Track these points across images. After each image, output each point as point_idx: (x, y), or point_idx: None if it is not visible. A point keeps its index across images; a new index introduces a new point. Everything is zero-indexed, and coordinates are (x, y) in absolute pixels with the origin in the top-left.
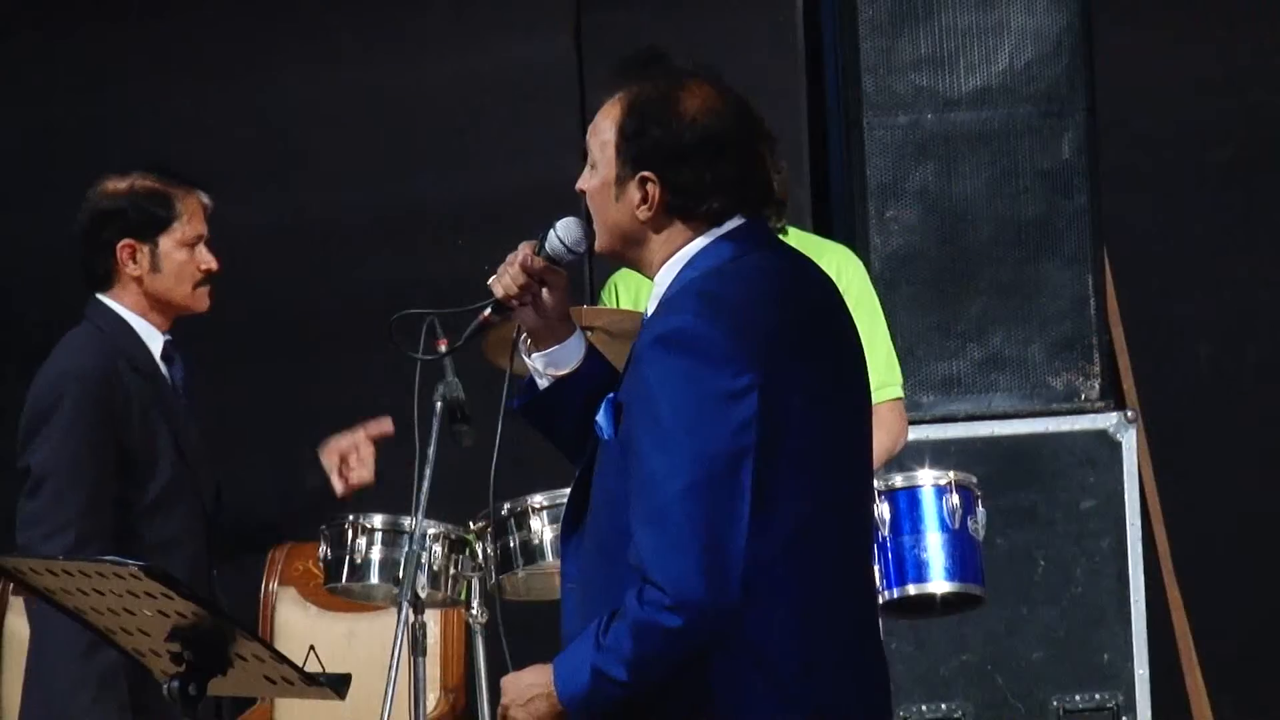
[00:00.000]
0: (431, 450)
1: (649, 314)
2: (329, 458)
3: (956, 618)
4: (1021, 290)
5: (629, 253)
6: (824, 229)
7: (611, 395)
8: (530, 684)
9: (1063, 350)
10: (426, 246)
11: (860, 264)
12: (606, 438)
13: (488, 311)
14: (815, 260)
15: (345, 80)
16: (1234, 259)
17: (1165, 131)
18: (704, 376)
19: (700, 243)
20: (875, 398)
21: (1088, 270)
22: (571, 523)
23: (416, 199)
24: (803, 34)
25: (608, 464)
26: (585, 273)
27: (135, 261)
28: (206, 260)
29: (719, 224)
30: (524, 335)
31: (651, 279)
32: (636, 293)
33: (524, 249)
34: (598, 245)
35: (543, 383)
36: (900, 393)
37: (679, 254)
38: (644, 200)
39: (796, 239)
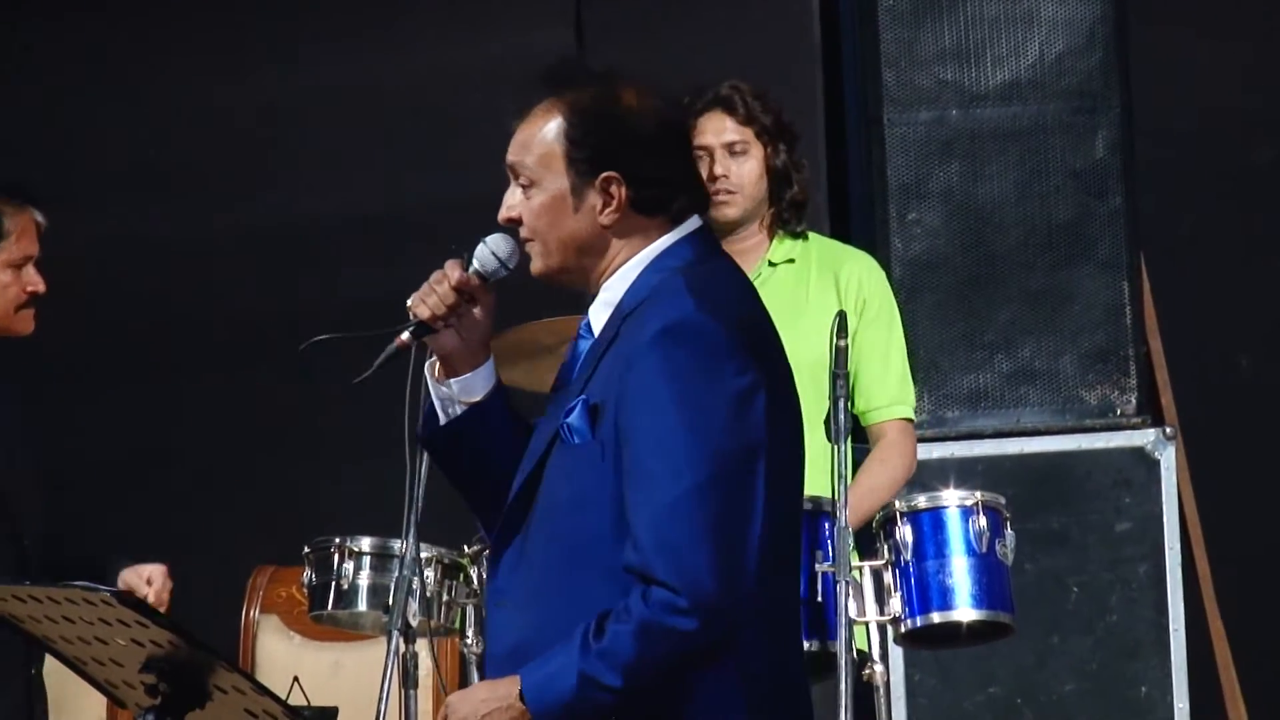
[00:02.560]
0: (424, 467)
1: (600, 321)
2: (121, 584)
3: (983, 648)
4: (1052, 298)
5: (581, 264)
6: (841, 232)
7: (583, 397)
8: (484, 699)
9: (1096, 362)
10: (415, 249)
11: (883, 275)
12: (580, 441)
13: (406, 335)
14: (835, 268)
15: (329, 73)
16: (1278, 264)
17: (1204, 129)
18: (713, 370)
19: (663, 243)
20: (883, 416)
21: (1123, 277)
22: (507, 537)
23: (405, 198)
24: (819, 24)
25: (576, 468)
26: None
27: None
28: (33, 282)
29: (679, 223)
30: (432, 361)
31: (594, 291)
32: None
33: (453, 267)
34: (540, 266)
35: (454, 411)
36: (911, 414)
37: (639, 256)
38: (607, 203)
39: (816, 244)
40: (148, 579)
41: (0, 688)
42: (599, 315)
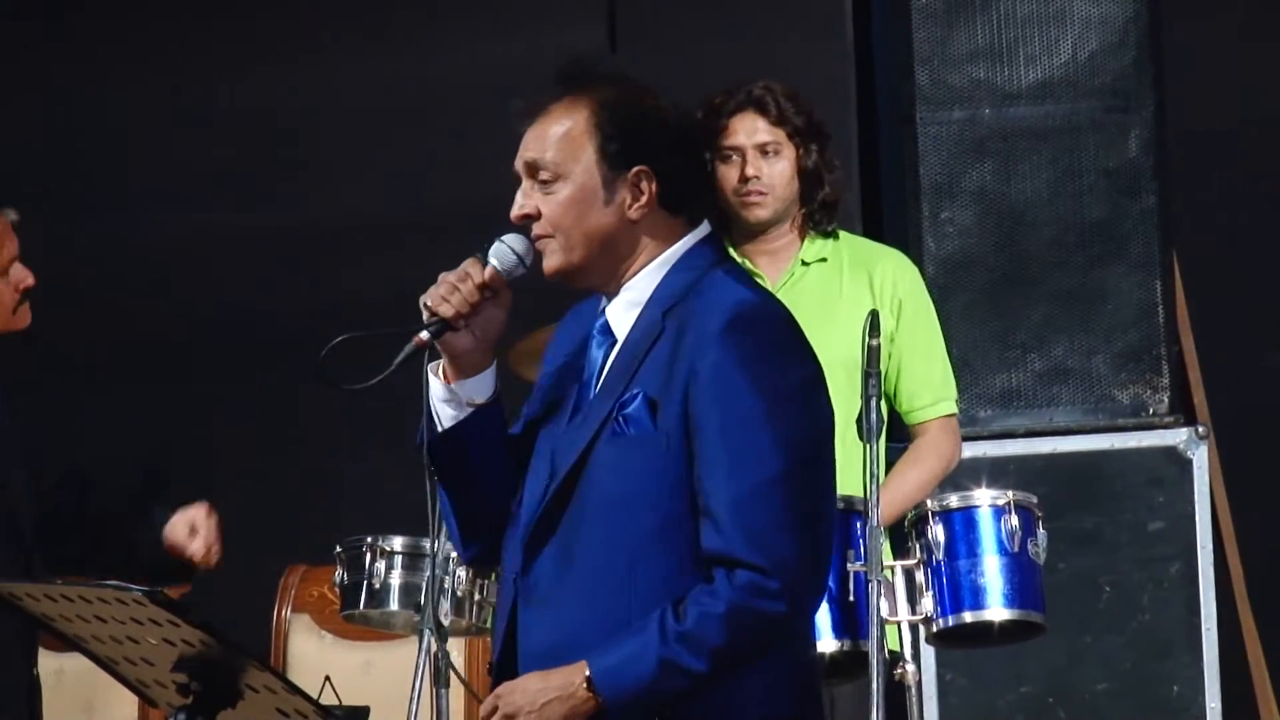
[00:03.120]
0: None
1: (624, 321)
2: (168, 538)
3: (1015, 647)
4: (1085, 297)
5: (603, 260)
6: (874, 231)
7: (637, 391)
8: (540, 689)
9: (1129, 361)
10: (443, 249)
11: (916, 271)
12: (638, 433)
13: (426, 334)
14: (868, 266)
15: (361, 72)
16: None
17: (1237, 128)
18: (784, 358)
19: (687, 242)
20: (926, 415)
21: (1155, 276)
22: (543, 533)
23: (432, 198)
24: (852, 23)
25: (632, 460)
26: None
27: None
28: (23, 280)
29: (695, 226)
30: (436, 362)
31: (612, 290)
32: None
33: (475, 265)
34: (559, 262)
35: (460, 413)
36: (954, 409)
37: (663, 255)
38: (636, 197)
39: (849, 243)
40: (190, 527)
41: (1, 687)
42: (622, 315)
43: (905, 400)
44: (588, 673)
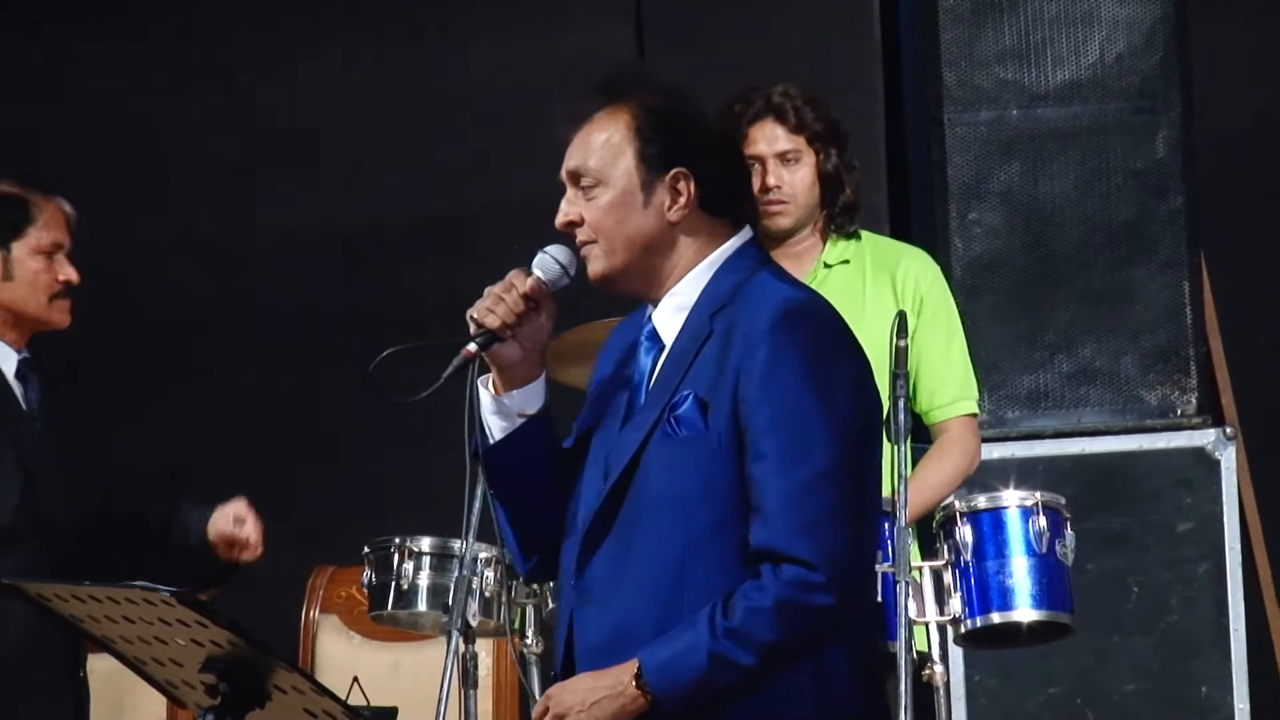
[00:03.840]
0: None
1: (672, 325)
2: (213, 533)
3: (1043, 648)
4: (1113, 298)
5: (646, 263)
6: (901, 232)
7: (687, 392)
8: (591, 688)
9: (1157, 362)
10: (477, 251)
11: (938, 271)
12: (690, 433)
13: (473, 346)
14: (891, 266)
15: (386, 73)
16: None
17: (1265, 129)
18: (835, 353)
19: (731, 246)
20: (947, 413)
21: (1183, 277)
22: (597, 536)
23: (468, 199)
24: (879, 24)
25: (685, 461)
26: None
27: None
28: (65, 271)
29: (737, 230)
30: (486, 375)
31: (655, 297)
32: None
33: (520, 276)
34: (602, 267)
35: (511, 425)
36: (975, 408)
37: (708, 259)
38: (675, 199)
39: (871, 243)
40: (233, 517)
41: (46, 689)
42: (669, 320)
43: (925, 399)
44: (637, 670)
